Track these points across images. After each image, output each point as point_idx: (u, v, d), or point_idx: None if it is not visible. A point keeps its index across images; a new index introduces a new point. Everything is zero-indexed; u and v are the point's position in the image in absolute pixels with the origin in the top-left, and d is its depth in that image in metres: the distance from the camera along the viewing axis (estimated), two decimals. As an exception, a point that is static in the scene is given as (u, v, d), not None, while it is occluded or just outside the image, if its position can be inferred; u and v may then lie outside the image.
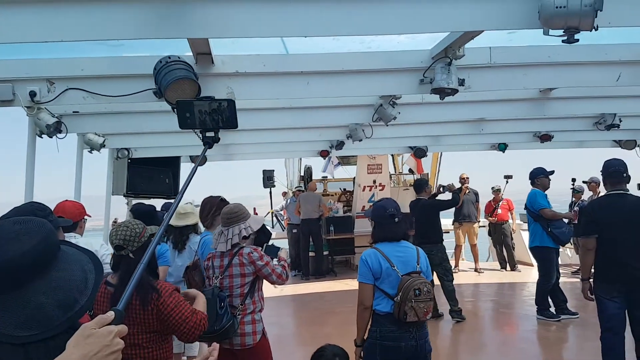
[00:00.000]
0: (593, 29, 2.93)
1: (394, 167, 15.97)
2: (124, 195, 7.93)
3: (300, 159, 15.60)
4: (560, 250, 7.88)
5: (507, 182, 11.14)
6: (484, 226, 12.43)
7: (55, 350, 1.23)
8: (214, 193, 4.83)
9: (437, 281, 7.63)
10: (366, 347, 3.49)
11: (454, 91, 4.35)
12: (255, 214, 5.52)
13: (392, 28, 3.43)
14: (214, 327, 3.47)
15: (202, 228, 5.39)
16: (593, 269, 4.59)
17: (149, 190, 8.04)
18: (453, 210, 10.99)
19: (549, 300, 7.35)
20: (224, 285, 3.71)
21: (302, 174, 15.15)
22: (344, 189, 13.82)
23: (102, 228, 7.47)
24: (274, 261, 3.94)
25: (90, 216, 4.42)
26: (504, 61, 4.63)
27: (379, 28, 3.41)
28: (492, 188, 11.94)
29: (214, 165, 10.76)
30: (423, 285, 3.33)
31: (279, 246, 4.16)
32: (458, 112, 6.57)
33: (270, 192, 14.08)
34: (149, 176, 8.05)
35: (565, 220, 7.45)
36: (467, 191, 10.91)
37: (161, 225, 1.67)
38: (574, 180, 9.17)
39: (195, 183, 2.07)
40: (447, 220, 11.56)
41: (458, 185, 9.04)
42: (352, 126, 6.99)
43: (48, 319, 1.33)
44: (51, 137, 5.46)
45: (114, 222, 9.28)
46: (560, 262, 7.70)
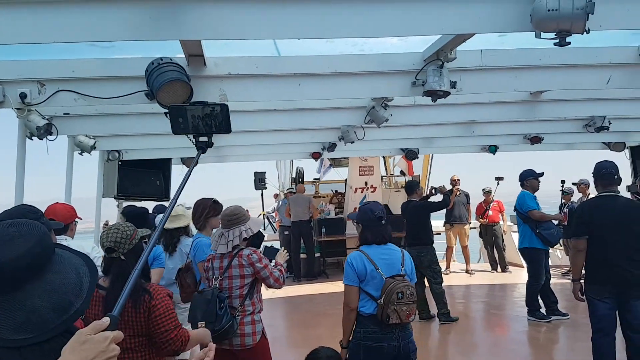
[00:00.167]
0: (585, 32, 2.95)
1: (386, 169, 16.00)
2: (115, 198, 7.89)
3: (292, 161, 15.60)
4: (550, 251, 7.92)
5: (498, 184, 11.20)
6: (474, 228, 12.49)
7: (51, 354, 1.22)
8: (205, 195, 4.83)
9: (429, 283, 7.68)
10: (350, 348, 3.54)
11: (446, 93, 4.36)
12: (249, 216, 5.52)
13: (385, 31, 3.43)
14: (213, 327, 3.51)
15: (194, 230, 5.37)
16: (584, 270, 4.63)
17: (140, 192, 8.00)
18: (444, 212, 11.04)
19: (540, 301, 7.40)
20: (224, 287, 3.75)
21: (293, 175, 15.14)
22: (336, 191, 13.82)
23: (93, 230, 7.43)
24: (271, 263, 3.97)
25: (81, 218, 4.39)
26: (495, 64, 4.66)
27: (372, 31, 3.41)
28: (483, 190, 12.00)
29: (205, 167, 10.75)
30: (406, 289, 3.39)
31: (278, 248, 4.21)
32: (449, 114, 6.59)
33: (262, 194, 14.06)
34: (140, 178, 8.02)
35: (554, 221, 7.52)
36: (458, 193, 10.96)
37: (156, 229, 1.67)
38: (563, 182, 9.25)
39: (187, 185, 2.07)
40: (439, 222, 11.61)
41: (449, 187, 9.09)
42: (344, 128, 6.99)
43: (43, 322, 1.33)
44: (41, 139, 5.42)
45: (105, 224, 9.21)
46: (550, 263, 7.74)
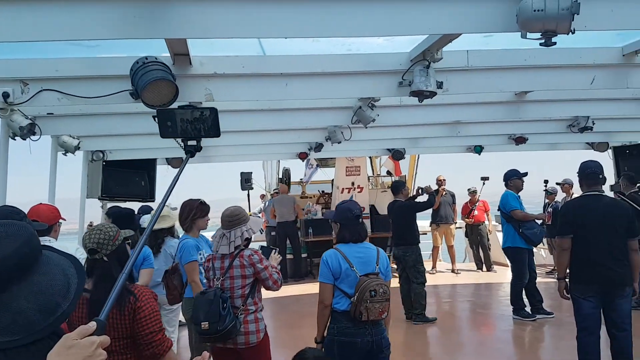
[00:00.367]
0: (570, 32, 2.98)
1: (372, 170, 16.03)
2: (99, 199, 7.81)
3: (279, 161, 15.55)
4: (534, 250, 8.00)
5: (483, 184, 11.28)
6: (460, 227, 12.56)
7: (37, 356, 1.20)
8: (191, 196, 4.81)
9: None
10: (325, 344, 3.62)
11: (432, 94, 4.37)
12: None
13: (371, 30, 3.43)
14: (217, 327, 3.58)
15: (179, 232, 5.33)
16: (568, 269, 4.67)
17: (125, 193, 7.93)
18: (430, 212, 11.09)
19: (525, 299, 7.46)
20: (225, 287, 3.80)
21: (280, 176, 15.10)
22: (323, 191, 13.82)
23: (77, 232, 7.34)
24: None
25: (65, 219, 4.34)
26: (481, 64, 4.68)
27: (358, 30, 3.41)
28: (469, 190, 12.09)
29: (191, 168, 10.68)
30: (379, 287, 3.47)
31: (273, 247, 4.22)
32: (435, 114, 6.62)
33: (248, 195, 13.98)
34: (125, 179, 7.95)
35: (538, 221, 7.59)
36: (444, 193, 11.03)
37: (145, 231, 1.66)
38: (546, 181, 9.34)
39: (173, 186, 2.05)
40: (425, 222, 11.65)
41: (435, 187, 9.12)
42: (330, 128, 6.98)
43: (29, 324, 1.31)
44: (24, 139, 5.35)
45: (89, 225, 9.11)
46: (535, 262, 7.81)
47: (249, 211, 15.62)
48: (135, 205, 6.72)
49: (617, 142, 9.30)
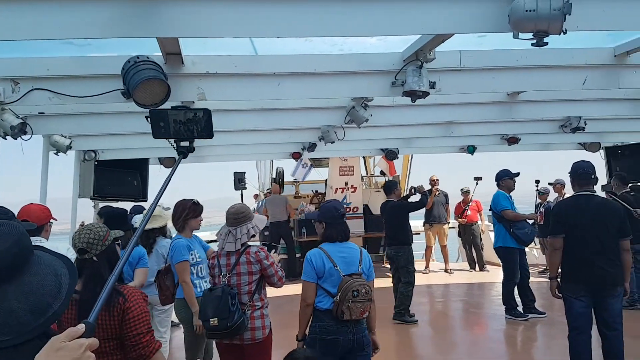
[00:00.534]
0: (562, 33, 2.99)
1: (366, 169, 16.05)
2: (91, 198, 7.77)
3: (272, 161, 15.54)
4: (526, 250, 8.03)
5: (476, 184, 11.31)
6: (453, 227, 12.59)
7: (26, 356, 1.19)
8: (184, 196, 4.80)
9: (417, 282, 7.72)
10: (307, 342, 3.65)
11: (425, 94, 4.38)
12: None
13: (364, 30, 3.43)
14: (226, 324, 3.64)
15: (172, 232, 5.31)
16: (560, 269, 4.69)
17: (117, 193, 7.90)
18: (424, 212, 11.10)
19: (517, 299, 7.49)
20: (232, 283, 3.86)
21: (274, 176, 15.09)
22: (316, 191, 13.82)
23: (69, 232, 7.30)
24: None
25: (56, 219, 4.31)
26: (474, 65, 4.69)
27: (351, 30, 3.41)
28: (462, 190, 12.12)
29: (184, 168, 10.65)
30: (362, 287, 3.51)
31: (274, 245, 4.25)
32: (428, 114, 6.63)
33: (242, 195, 13.95)
34: (117, 179, 7.91)
35: (529, 221, 7.62)
36: (437, 193, 11.05)
37: (136, 232, 1.65)
38: (537, 181, 9.37)
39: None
40: (418, 222, 11.68)
41: (428, 187, 9.13)
42: (324, 128, 6.98)
43: (20, 324, 1.30)
44: (16, 139, 5.31)
45: (81, 225, 9.07)
46: (528, 262, 7.84)
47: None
48: (127, 205, 6.69)
49: (609, 142, 9.34)
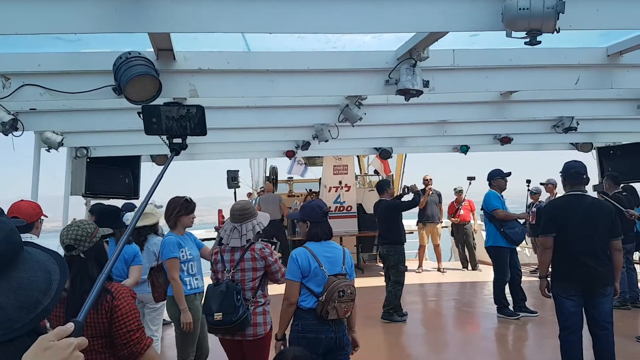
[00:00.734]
0: (555, 31, 2.99)
1: (360, 168, 16.05)
2: (83, 196, 7.72)
3: (266, 160, 15.50)
4: (518, 250, 8.05)
5: (470, 184, 11.32)
6: (446, 227, 12.61)
7: (13, 354, 1.19)
8: (176, 194, 4.75)
9: (405, 280, 7.71)
10: (290, 341, 3.65)
11: (419, 92, 4.37)
12: (222, 216, 5.44)
13: (358, 27, 3.43)
14: (231, 318, 3.69)
15: (164, 230, 5.28)
16: (550, 268, 4.70)
17: (109, 190, 7.85)
18: (417, 211, 11.12)
19: (509, 298, 7.51)
20: (236, 279, 3.89)
21: (267, 174, 15.06)
22: (310, 190, 13.80)
23: (60, 229, 7.24)
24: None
25: (46, 216, 4.28)
26: (467, 64, 4.69)
27: (344, 27, 3.40)
28: (455, 189, 12.15)
29: (176, 165, 10.60)
30: (347, 287, 3.54)
31: (274, 242, 4.30)
32: (422, 114, 6.64)
33: (235, 193, 13.91)
34: (109, 176, 7.87)
35: (521, 220, 7.64)
36: (431, 192, 11.07)
37: (127, 229, 1.63)
38: (528, 181, 9.41)
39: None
40: (411, 221, 11.69)
41: (421, 187, 9.13)
42: (318, 126, 6.97)
43: (9, 321, 1.29)
44: (7, 135, 5.29)
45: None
46: (520, 262, 7.87)
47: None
48: (118, 203, 6.64)
49: (601, 142, 9.38)
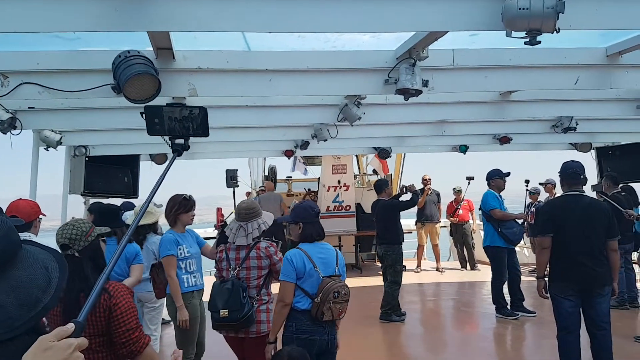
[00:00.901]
0: (555, 31, 2.99)
1: (359, 168, 16.05)
2: (82, 195, 7.71)
3: (265, 159, 15.49)
4: (517, 250, 8.05)
5: (469, 184, 11.33)
6: (445, 226, 12.62)
7: (16, 353, 1.18)
8: (175, 193, 4.74)
9: (404, 280, 7.72)
10: (283, 342, 3.65)
11: (418, 92, 4.37)
12: (221, 214, 5.45)
13: (357, 27, 3.42)
14: (237, 315, 3.77)
15: (163, 229, 5.27)
16: (548, 268, 4.70)
17: (107, 189, 7.85)
18: (416, 211, 11.12)
19: (507, 298, 7.51)
20: (241, 277, 3.97)
21: (266, 173, 15.05)
22: (309, 189, 13.80)
23: (58, 228, 7.23)
24: None
25: (45, 215, 4.28)
26: (466, 63, 4.68)
27: (344, 26, 3.40)
28: (454, 189, 12.15)
29: (176, 164, 10.56)
30: (342, 288, 3.58)
31: (276, 240, 4.33)
32: (421, 113, 6.63)
33: (234, 192, 13.91)
34: (108, 175, 7.86)
35: (519, 220, 7.64)
36: (430, 192, 11.07)
37: (129, 229, 1.63)
38: (527, 181, 9.42)
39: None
40: (410, 221, 11.69)
41: (419, 186, 9.12)
42: (317, 126, 6.96)
43: (10, 319, 1.29)
44: (5, 134, 5.27)
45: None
46: (519, 261, 7.87)
47: (235, 209, 15.54)
48: (117, 202, 6.63)
49: (600, 142, 9.39)
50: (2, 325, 1.28)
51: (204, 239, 4.95)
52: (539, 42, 3.13)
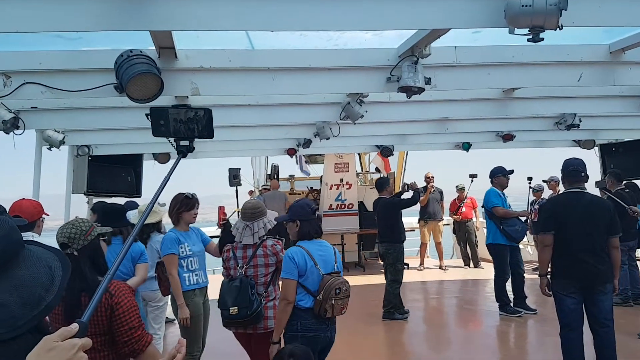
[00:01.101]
0: (558, 28, 2.98)
1: (361, 166, 16.04)
2: (85, 194, 7.73)
3: (267, 157, 15.50)
4: (520, 247, 8.04)
5: (472, 181, 11.30)
6: (448, 224, 12.60)
7: (19, 352, 1.18)
8: (177, 192, 4.75)
9: (407, 278, 7.72)
10: (287, 341, 3.66)
11: (421, 90, 4.35)
12: (223, 213, 5.45)
13: (359, 24, 3.42)
14: (246, 312, 3.85)
15: (167, 228, 5.28)
16: (550, 265, 4.69)
17: (110, 188, 7.87)
18: (419, 209, 11.11)
19: (510, 295, 7.50)
20: (248, 275, 4.05)
21: (269, 172, 15.05)
22: (311, 188, 13.79)
23: (62, 227, 7.23)
24: None
25: (48, 215, 4.28)
26: (469, 61, 4.67)
27: (346, 24, 3.39)
28: (457, 186, 12.13)
29: (179, 163, 10.57)
30: (342, 285, 3.61)
31: (280, 238, 4.39)
32: (423, 111, 6.62)
33: (237, 191, 13.93)
34: (111, 174, 7.88)
35: (522, 218, 7.62)
36: (432, 190, 11.06)
37: (134, 229, 1.64)
38: (530, 178, 9.39)
39: (159, 182, 2.01)
40: (413, 219, 11.69)
41: (423, 184, 9.11)
42: (319, 124, 6.96)
43: (12, 318, 1.29)
44: (8, 134, 5.28)
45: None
46: (522, 259, 7.86)
47: (238, 207, 15.55)
48: (120, 201, 6.64)
49: (604, 139, 9.37)
50: (5, 324, 1.28)
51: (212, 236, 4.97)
52: (542, 39, 3.12)
